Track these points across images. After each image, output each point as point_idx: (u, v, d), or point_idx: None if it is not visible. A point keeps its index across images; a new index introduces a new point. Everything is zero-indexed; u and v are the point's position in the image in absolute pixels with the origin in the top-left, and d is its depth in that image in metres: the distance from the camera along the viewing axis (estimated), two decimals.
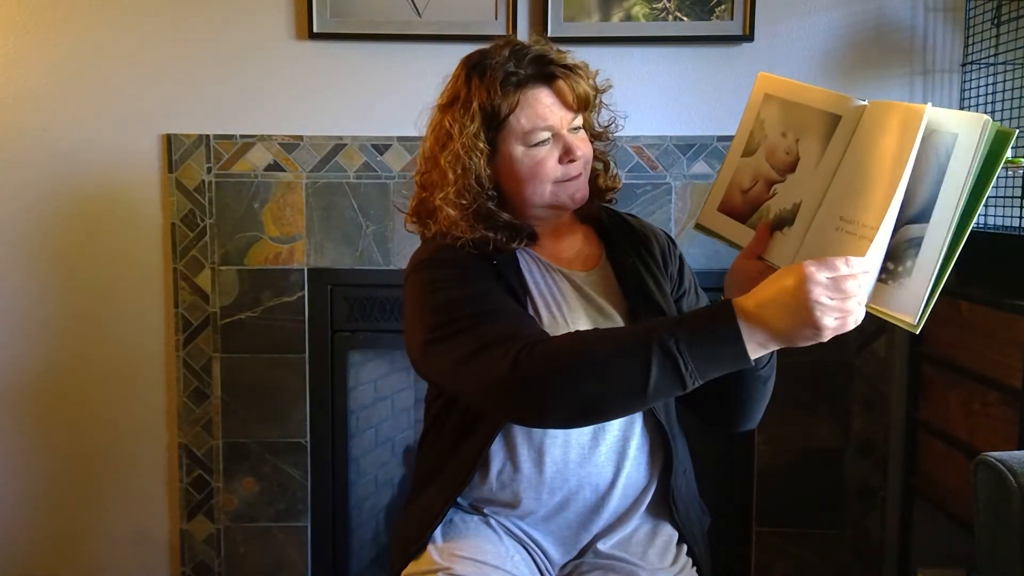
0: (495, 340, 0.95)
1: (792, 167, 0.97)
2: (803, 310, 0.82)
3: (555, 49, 1.11)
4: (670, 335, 0.88)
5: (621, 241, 1.20)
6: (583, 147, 1.11)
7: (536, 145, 1.08)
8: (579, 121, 1.12)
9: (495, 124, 1.08)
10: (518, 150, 1.08)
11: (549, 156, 1.09)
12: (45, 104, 1.90)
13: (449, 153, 1.07)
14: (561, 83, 1.08)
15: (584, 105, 1.11)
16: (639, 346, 0.89)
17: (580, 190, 1.12)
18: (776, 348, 0.89)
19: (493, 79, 1.06)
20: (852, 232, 0.86)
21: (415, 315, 1.06)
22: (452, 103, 1.09)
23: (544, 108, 1.08)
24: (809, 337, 0.85)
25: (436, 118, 1.12)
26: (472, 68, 1.09)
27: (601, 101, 1.17)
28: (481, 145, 1.07)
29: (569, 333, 0.98)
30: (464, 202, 1.08)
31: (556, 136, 1.09)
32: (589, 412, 0.95)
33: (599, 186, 1.19)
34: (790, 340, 0.86)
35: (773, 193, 0.99)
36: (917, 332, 0.84)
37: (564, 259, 1.16)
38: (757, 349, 0.87)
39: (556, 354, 0.92)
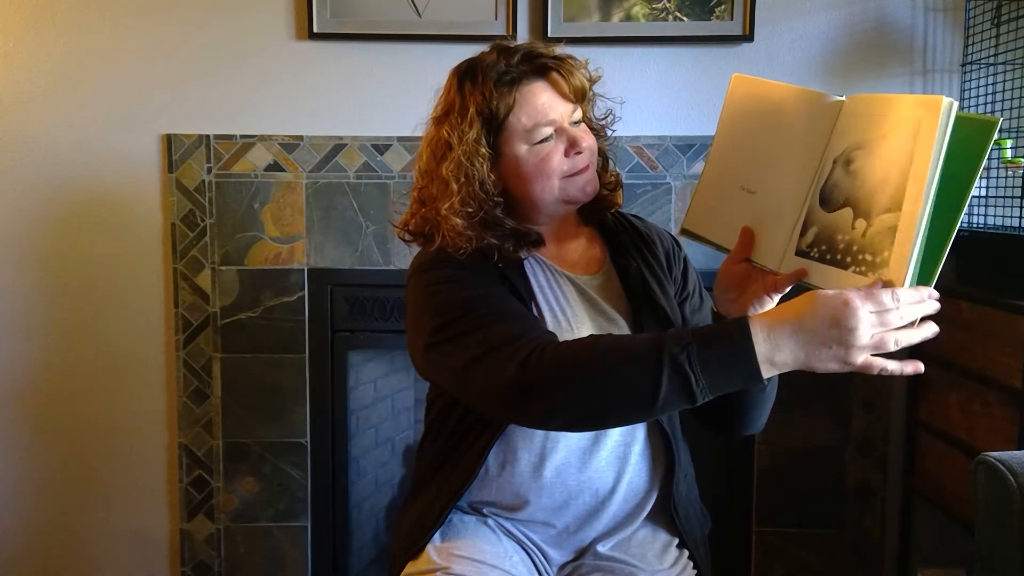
0: (502, 342, 0.95)
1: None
2: (838, 342, 0.80)
3: (542, 44, 1.10)
4: (682, 349, 0.85)
5: (625, 244, 1.19)
6: (587, 139, 1.10)
7: (540, 142, 1.07)
8: (579, 114, 1.11)
9: (495, 127, 1.06)
10: (522, 149, 1.07)
11: (554, 151, 1.07)
12: (45, 104, 1.90)
13: (451, 163, 1.05)
14: (555, 75, 1.07)
15: (581, 96, 1.09)
16: (650, 359, 0.87)
17: (591, 182, 1.11)
18: (791, 370, 0.85)
19: (486, 81, 1.05)
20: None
21: (417, 317, 1.06)
22: (447, 113, 1.08)
23: (543, 103, 1.06)
24: (834, 368, 0.82)
25: (431, 131, 1.10)
26: (463, 75, 1.08)
27: (594, 93, 1.15)
28: (483, 150, 1.05)
29: (579, 339, 0.96)
30: (470, 210, 1.06)
31: (559, 131, 1.07)
32: (594, 419, 0.95)
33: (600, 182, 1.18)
34: (811, 367, 0.83)
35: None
36: None
37: (569, 263, 1.16)
38: (771, 370, 0.84)
39: (565, 359, 0.91)
